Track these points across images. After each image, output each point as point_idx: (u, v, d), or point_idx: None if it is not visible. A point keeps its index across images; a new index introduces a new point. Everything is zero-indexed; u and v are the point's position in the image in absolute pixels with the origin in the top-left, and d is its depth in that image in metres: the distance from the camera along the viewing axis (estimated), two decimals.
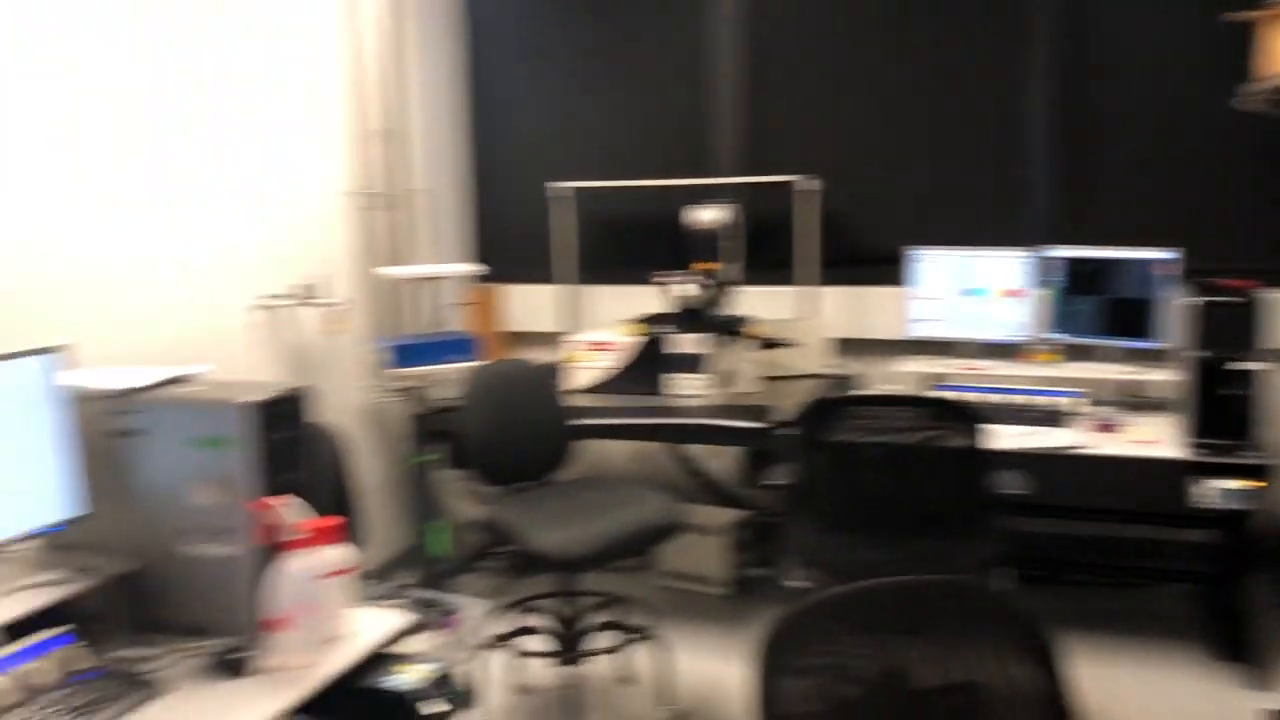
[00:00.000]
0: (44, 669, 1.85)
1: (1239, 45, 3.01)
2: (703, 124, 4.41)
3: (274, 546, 2.00)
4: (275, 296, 3.52)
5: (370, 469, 4.08)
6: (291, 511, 2.00)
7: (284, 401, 2.12)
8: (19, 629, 1.90)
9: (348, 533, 2.95)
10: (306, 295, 3.55)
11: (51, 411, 2.07)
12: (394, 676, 2.06)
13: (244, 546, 2.05)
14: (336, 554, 2.08)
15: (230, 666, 1.94)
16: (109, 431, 2.13)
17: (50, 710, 1.77)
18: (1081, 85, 3.95)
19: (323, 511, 2.22)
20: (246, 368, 3.43)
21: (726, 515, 4.05)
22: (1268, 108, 2.99)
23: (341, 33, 3.88)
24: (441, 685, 2.08)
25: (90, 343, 2.80)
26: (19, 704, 1.78)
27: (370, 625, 2.14)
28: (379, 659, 2.11)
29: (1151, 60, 3.85)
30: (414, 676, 2.06)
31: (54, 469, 2.07)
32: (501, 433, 3.14)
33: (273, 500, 2.01)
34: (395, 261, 4.00)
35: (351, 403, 4.00)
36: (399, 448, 4.05)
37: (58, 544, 2.16)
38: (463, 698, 2.11)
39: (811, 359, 3.97)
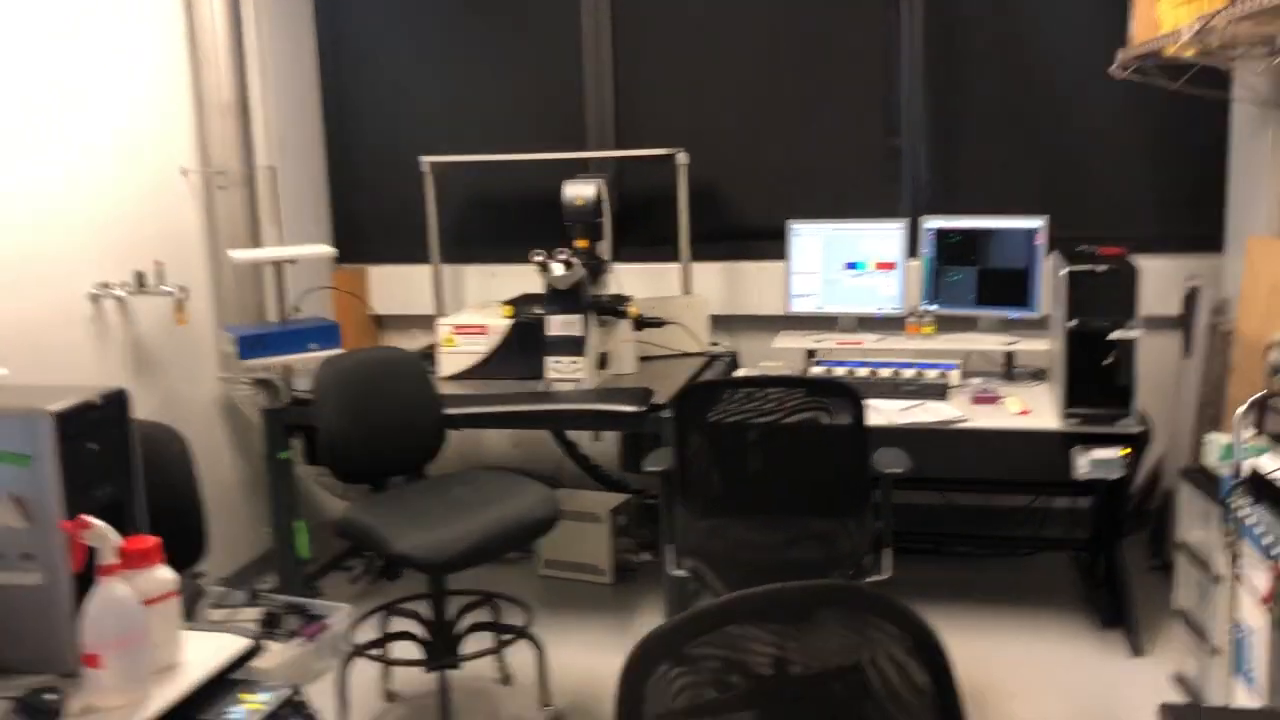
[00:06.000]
0: None
1: (1108, 13, 2.99)
2: (575, 97, 4.24)
3: (90, 571, 1.77)
4: (107, 286, 3.23)
5: (224, 469, 3.81)
6: (111, 530, 1.78)
7: (98, 406, 1.89)
8: None
9: (194, 541, 2.74)
10: (140, 283, 3.26)
11: None
12: (237, 708, 1.87)
13: (55, 573, 1.82)
14: (163, 575, 1.87)
15: (40, 710, 1.71)
16: None
17: None
18: (951, 54, 3.92)
19: (161, 521, 2.00)
20: (76, 367, 3.13)
21: (609, 500, 3.93)
22: (1141, 76, 2.96)
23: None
24: (292, 712, 1.90)
25: None
26: None
27: (206, 652, 1.93)
28: (221, 687, 1.91)
29: (1021, 28, 3.84)
30: (259, 706, 1.87)
31: None
32: (359, 427, 2.92)
33: (89, 519, 1.79)
34: (247, 244, 3.73)
35: (201, 399, 3.73)
36: (255, 445, 3.79)
37: None
38: None
39: (690, 337, 3.86)
